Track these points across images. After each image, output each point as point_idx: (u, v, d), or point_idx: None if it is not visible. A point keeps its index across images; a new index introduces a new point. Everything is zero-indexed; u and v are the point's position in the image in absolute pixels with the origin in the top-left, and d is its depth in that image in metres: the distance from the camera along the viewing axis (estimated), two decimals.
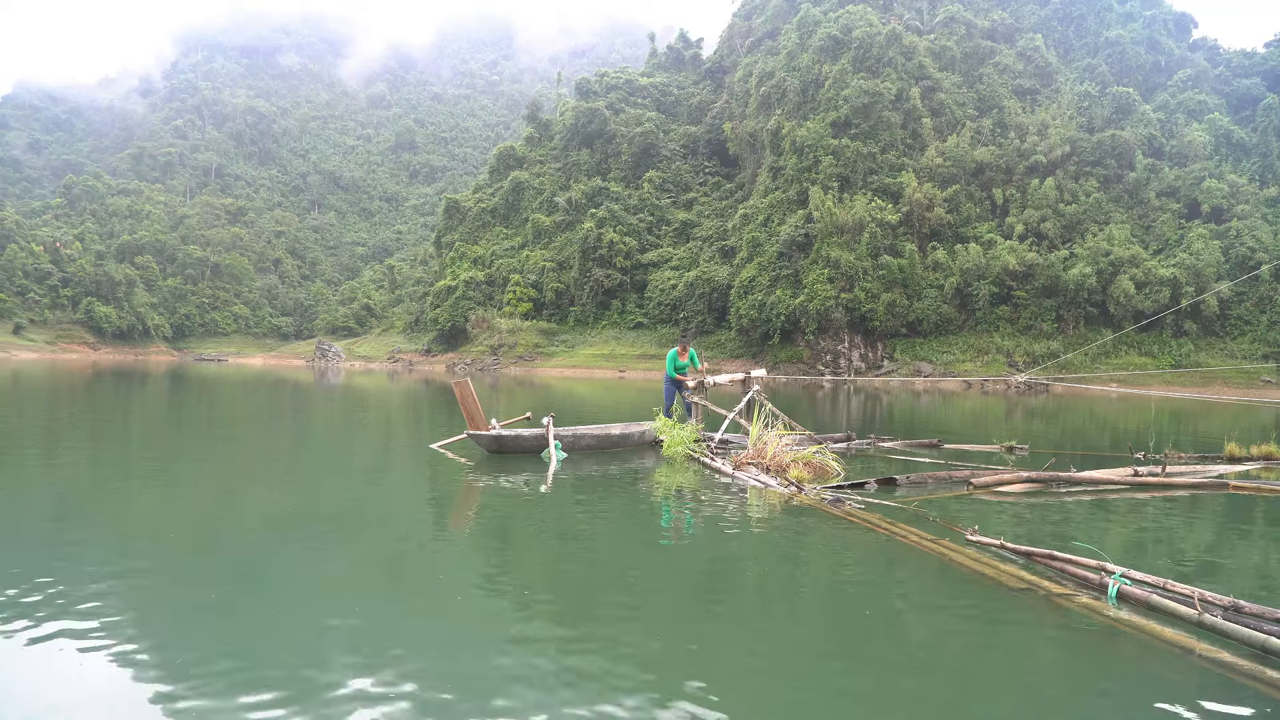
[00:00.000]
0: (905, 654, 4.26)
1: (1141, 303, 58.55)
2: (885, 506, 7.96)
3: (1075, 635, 4.50)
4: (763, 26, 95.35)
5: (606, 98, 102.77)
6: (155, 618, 4.47)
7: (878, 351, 66.95)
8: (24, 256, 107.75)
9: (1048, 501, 8.80)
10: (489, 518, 7.76)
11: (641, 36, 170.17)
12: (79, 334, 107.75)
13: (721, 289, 76.51)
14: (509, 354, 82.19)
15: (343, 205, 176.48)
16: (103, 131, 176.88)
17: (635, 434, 12.98)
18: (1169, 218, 65.11)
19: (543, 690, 3.65)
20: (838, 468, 10.05)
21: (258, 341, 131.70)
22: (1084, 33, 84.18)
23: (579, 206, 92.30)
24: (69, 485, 9.00)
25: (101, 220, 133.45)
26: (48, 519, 7.07)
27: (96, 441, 13.47)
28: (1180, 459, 12.07)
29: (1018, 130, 73.03)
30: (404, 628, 4.47)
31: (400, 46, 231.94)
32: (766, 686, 3.82)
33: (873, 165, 71.84)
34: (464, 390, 11.63)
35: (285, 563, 5.86)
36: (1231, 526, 7.97)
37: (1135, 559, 5.98)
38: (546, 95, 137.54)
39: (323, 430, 17.67)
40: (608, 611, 4.80)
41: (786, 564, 6.09)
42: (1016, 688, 3.89)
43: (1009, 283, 63.81)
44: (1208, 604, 4.50)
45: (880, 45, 75.00)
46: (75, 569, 5.33)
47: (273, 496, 8.80)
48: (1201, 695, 3.72)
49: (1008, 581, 5.32)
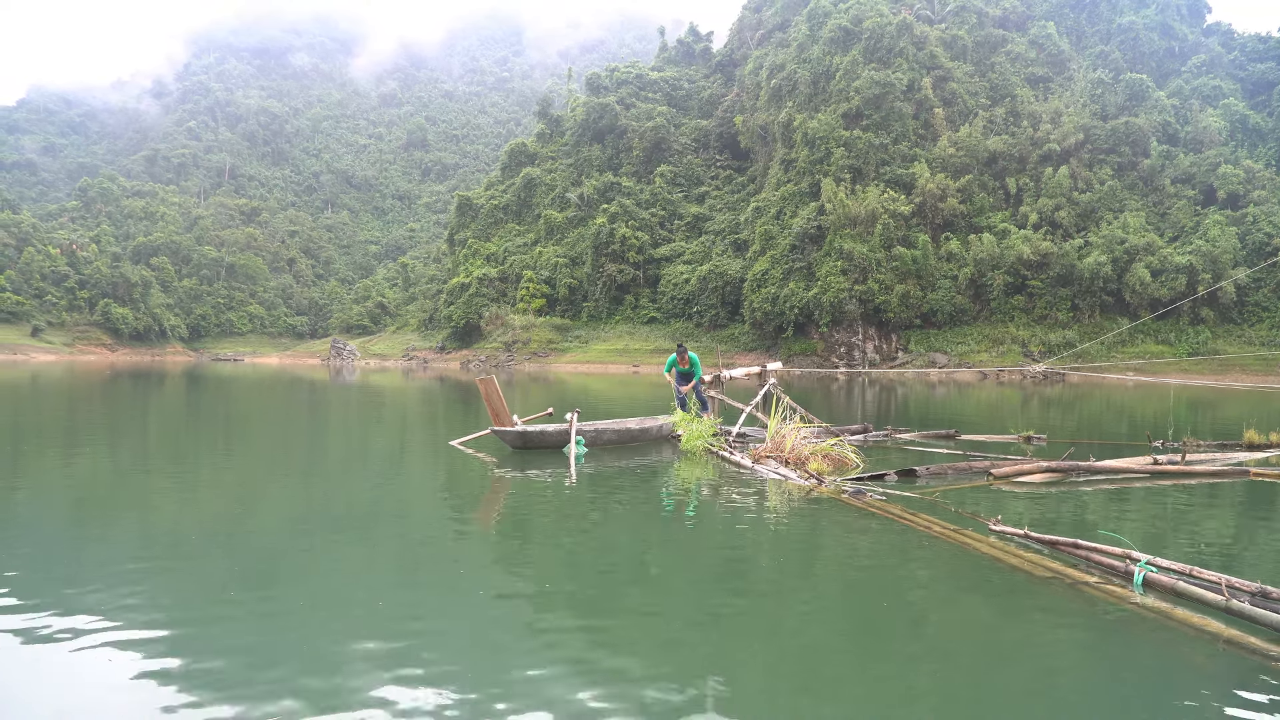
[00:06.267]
0: (932, 643, 4.29)
1: (1157, 290, 58.11)
2: (906, 498, 7.97)
3: (1103, 622, 4.52)
4: (773, 19, 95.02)
5: (617, 92, 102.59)
6: (176, 614, 4.54)
7: (892, 343, 66.72)
8: (41, 259, 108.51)
9: (1067, 491, 8.79)
10: (514, 513, 7.82)
11: (651, 30, 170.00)
12: (96, 335, 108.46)
13: (734, 282, 76.36)
14: (523, 350, 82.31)
15: (356, 204, 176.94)
16: (117, 134, 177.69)
17: (653, 428, 13.03)
18: (1184, 204, 64.52)
19: (564, 682, 3.70)
20: (857, 460, 10.08)
21: (273, 341, 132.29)
22: (1096, 19, 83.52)
23: (591, 202, 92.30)
24: (89, 484, 9.12)
25: (117, 222, 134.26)
26: (69, 517, 7.18)
27: (116, 441, 13.62)
28: (1199, 447, 12.02)
29: (1031, 119, 72.51)
30: (426, 622, 4.52)
31: (411, 44, 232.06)
32: (788, 678, 3.86)
33: (885, 156, 71.50)
34: (489, 387, 11.69)
35: (306, 559, 5.92)
36: (1253, 514, 7.95)
37: (1158, 547, 5.98)
38: (557, 91, 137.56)
39: (340, 428, 17.80)
40: (630, 604, 4.85)
41: (809, 556, 6.12)
42: (1046, 674, 3.92)
43: (1023, 272, 63.43)
44: (1235, 590, 4.51)
45: (891, 35, 74.58)
46: (96, 567, 5.44)
47: (293, 494, 8.88)
48: (1231, 680, 3.74)
49: (1033, 570, 5.34)
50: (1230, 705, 3.49)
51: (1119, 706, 3.56)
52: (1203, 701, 3.55)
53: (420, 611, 4.68)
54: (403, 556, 6.06)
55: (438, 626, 4.45)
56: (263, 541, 6.45)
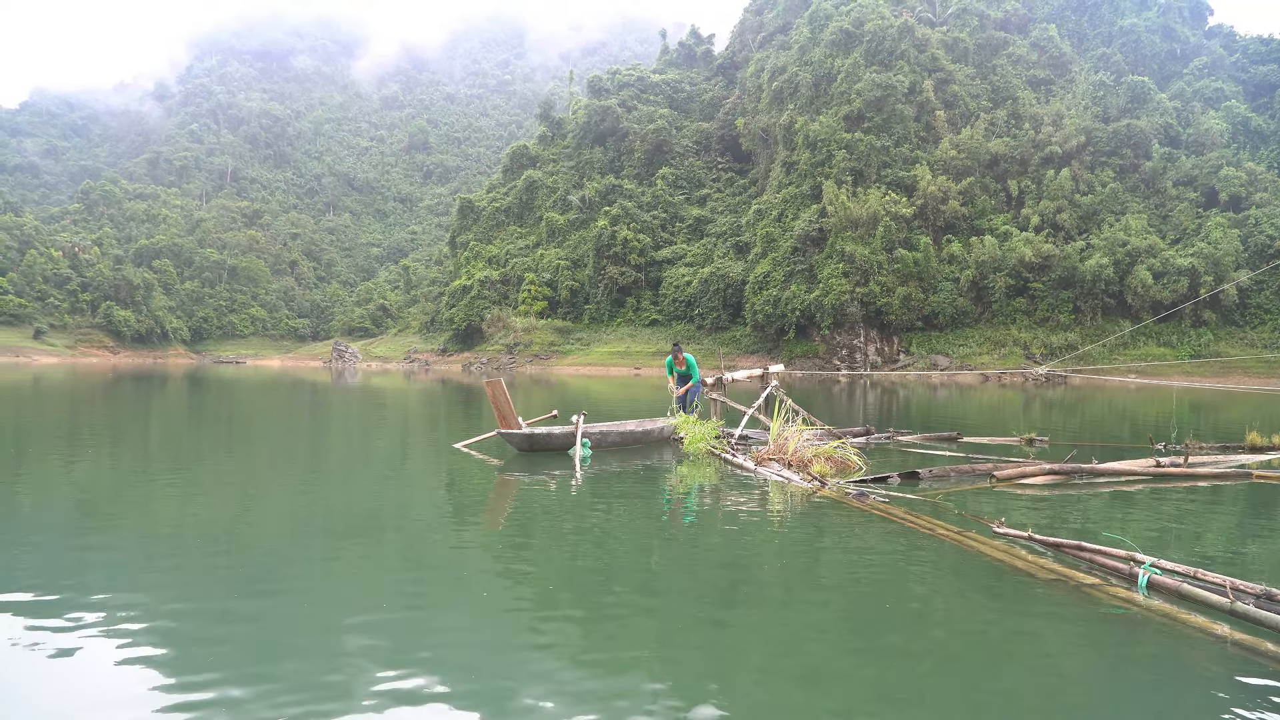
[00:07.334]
0: (936, 644, 4.28)
1: (1159, 293, 58.14)
2: (909, 500, 7.98)
3: (1108, 624, 4.53)
4: (774, 21, 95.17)
5: (618, 95, 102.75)
6: (178, 615, 4.54)
7: (893, 345, 66.76)
8: (43, 262, 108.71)
9: (1070, 493, 8.80)
10: (519, 514, 7.83)
11: (653, 33, 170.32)
12: (98, 338, 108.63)
13: (736, 285, 76.46)
14: (525, 352, 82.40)
15: (357, 206, 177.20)
16: (119, 136, 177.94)
17: (656, 430, 13.06)
18: (1186, 207, 64.55)
19: (566, 686, 3.70)
20: (859, 462, 10.09)
21: (275, 343, 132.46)
22: (1098, 22, 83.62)
23: (592, 204, 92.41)
24: (91, 486, 9.13)
25: (119, 225, 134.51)
26: (71, 520, 7.18)
27: (118, 443, 13.63)
28: (1202, 449, 12.03)
29: (1032, 121, 72.59)
30: (429, 626, 4.52)
31: (412, 47, 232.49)
32: (792, 679, 3.86)
33: (886, 159, 71.59)
34: (496, 389, 11.70)
35: (308, 560, 5.92)
36: (1256, 516, 7.95)
37: (1162, 549, 5.99)
38: (558, 93, 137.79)
39: (343, 430, 17.80)
40: (633, 605, 4.85)
41: (813, 558, 6.13)
42: (1050, 676, 3.92)
43: (1025, 275, 63.47)
44: (1240, 592, 4.52)
45: (893, 38, 74.70)
46: (98, 570, 5.44)
47: (296, 496, 8.87)
48: (1236, 683, 3.74)
49: (1037, 573, 5.35)
50: (1235, 707, 3.50)
51: (1123, 708, 3.56)
52: (1208, 704, 3.56)
53: (424, 612, 4.68)
54: (406, 557, 6.06)
55: (441, 627, 4.45)
56: (265, 543, 6.45)
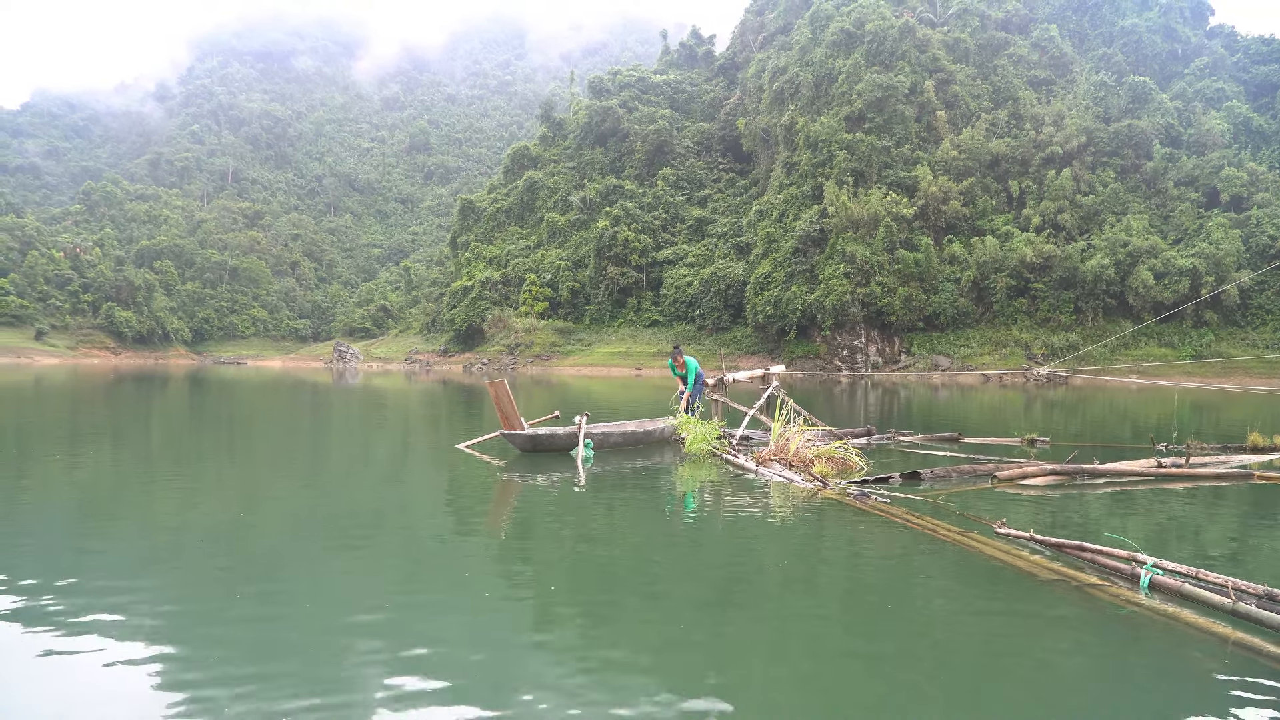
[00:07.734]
0: (937, 644, 4.29)
1: (1161, 293, 58.09)
2: (910, 500, 7.98)
3: (1109, 624, 4.53)
4: (775, 22, 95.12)
5: (619, 96, 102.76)
6: (179, 616, 4.55)
7: (895, 346, 66.74)
8: (45, 263, 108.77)
9: (1072, 494, 8.81)
10: (522, 514, 7.84)
11: (654, 34, 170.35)
12: (100, 339, 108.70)
13: (737, 285, 76.49)
14: (525, 353, 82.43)
15: (358, 207, 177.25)
16: (120, 137, 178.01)
17: (658, 430, 13.07)
18: (1188, 207, 64.47)
19: (567, 686, 3.70)
20: (860, 462, 10.09)
21: (276, 344, 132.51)
22: (1099, 22, 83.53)
23: (593, 205, 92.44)
24: (92, 487, 9.14)
25: (120, 225, 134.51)
26: (72, 520, 7.19)
27: (120, 443, 13.64)
28: (1203, 450, 12.02)
29: (1033, 121, 72.53)
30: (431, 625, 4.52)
31: (413, 48, 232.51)
32: (793, 679, 3.87)
33: (887, 159, 71.56)
34: (499, 390, 11.71)
35: (310, 560, 5.94)
36: (1258, 516, 7.95)
37: (1163, 549, 5.99)
38: (559, 94, 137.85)
39: (344, 431, 17.82)
40: (635, 605, 4.86)
41: (814, 558, 6.14)
42: (1052, 676, 3.92)
43: (1026, 275, 63.43)
44: (1241, 592, 4.52)
45: (893, 38, 74.67)
46: (99, 570, 5.46)
47: (297, 496, 8.88)
48: (1238, 683, 3.74)
49: (1038, 573, 5.35)
50: (1237, 707, 3.50)
51: (1125, 709, 3.57)
52: (1209, 704, 3.56)
53: (425, 613, 4.68)
54: (408, 557, 6.06)
55: (442, 627, 4.46)
56: (265, 543, 6.46)
